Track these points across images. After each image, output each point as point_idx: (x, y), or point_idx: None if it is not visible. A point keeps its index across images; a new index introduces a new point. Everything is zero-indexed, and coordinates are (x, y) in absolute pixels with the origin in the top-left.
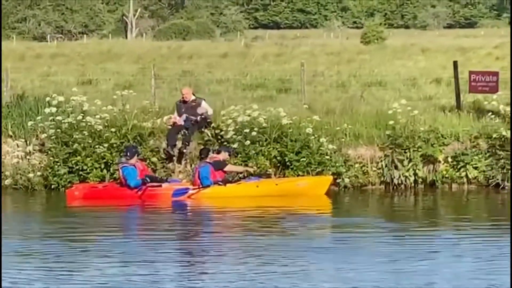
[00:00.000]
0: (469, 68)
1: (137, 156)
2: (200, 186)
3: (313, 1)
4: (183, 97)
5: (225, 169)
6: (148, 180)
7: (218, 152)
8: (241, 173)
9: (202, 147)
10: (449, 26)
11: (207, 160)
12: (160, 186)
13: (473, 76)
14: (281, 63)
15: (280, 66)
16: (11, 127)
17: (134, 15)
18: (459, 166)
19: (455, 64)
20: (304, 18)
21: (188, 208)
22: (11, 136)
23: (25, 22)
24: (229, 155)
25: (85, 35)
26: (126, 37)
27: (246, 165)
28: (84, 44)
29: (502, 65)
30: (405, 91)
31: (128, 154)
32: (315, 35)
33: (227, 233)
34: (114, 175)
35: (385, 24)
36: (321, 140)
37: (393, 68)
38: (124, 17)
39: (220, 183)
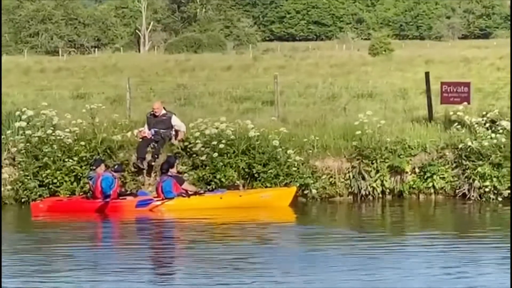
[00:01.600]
0: (469, 79)
1: (106, 167)
2: (164, 198)
3: (328, 13)
4: (153, 111)
5: (183, 187)
6: (119, 194)
7: (172, 165)
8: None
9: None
10: (464, 37)
11: (169, 173)
12: (124, 198)
13: (445, 87)
14: (281, 75)
15: (279, 79)
16: None
17: (147, 29)
18: (426, 177)
19: (426, 75)
20: (319, 30)
21: (152, 219)
22: None
23: (37, 36)
24: (172, 165)
25: (96, 49)
26: (139, 51)
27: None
28: (94, 58)
29: (500, 75)
30: (391, 102)
31: (93, 164)
32: (327, 47)
33: (190, 243)
34: (84, 189)
35: (399, 36)
36: (288, 152)
37: (390, 80)
38: (137, 31)
39: (184, 195)
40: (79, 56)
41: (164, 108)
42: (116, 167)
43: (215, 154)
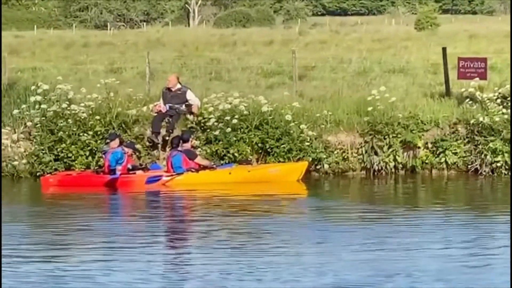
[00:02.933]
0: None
1: (120, 141)
2: (174, 173)
3: None
4: (168, 85)
5: (195, 161)
6: (131, 168)
7: (185, 141)
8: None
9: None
10: None
11: (179, 148)
12: (134, 173)
13: (462, 63)
14: (321, 50)
15: (318, 53)
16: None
17: (197, 3)
18: (438, 152)
19: (444, 50)
20: (371, 5)
21: (162, 193)
22: None
23: (87, 10)
24: (190, 139)
25: (144, 23)
26: (189, 25)
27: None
28: (141, 33)
29: None
30: (420, 78)
31: (108, 138)
32: (377, 22)
33: (204, 215)
34: (99, 163)
35: (452, 10)
36: (301, 126)
37: (427, 55)
38: (186, 5)
39: (193, 170)
40: (127, 30)
41: (179, 82)
42: (127, 142)
43: (229, 129)
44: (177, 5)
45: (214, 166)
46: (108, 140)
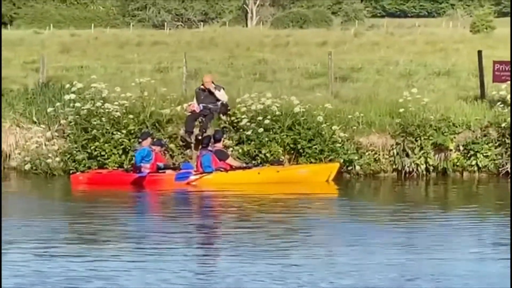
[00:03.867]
0: None
1: (152, 140)
2: (203, 172)
3: None
4: (203, 85)
5: (227, 161)
6: (162, 167)
7: (217, 140)
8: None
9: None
10: None
11: (209, 148)
12: (164, 172)
13: (497, 66)
14: (372, 51)
15: (368, 55)
16: (35, 113)
17: (255, 3)
18: (469, 155)
19: (479, 53)
20: (431, 7)
21: (191, 191)
22: (34, 122)
23: (145, 10)
24: (219, 139)
25: (202, 23)
26: (246, 25)
27: (252, 160)
28: (198, 32)
29: None
30: (463, 80)
31: (140, 137)
32: (435, 24)
33: (236, 214)
34: (132, 161)
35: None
36: (333, 128)
37: (474, 58)
38: (244, 5)
39: (222, 169)
40: (184, 30)
41: (213, 82)
42: (155, 140)
43: (261, 130)
44: (236, 5)
45: (245, 166)
46: (140, 139)
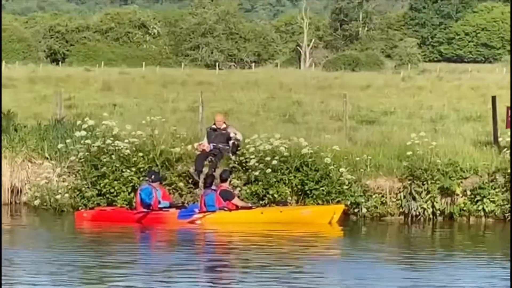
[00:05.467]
0: None
1: (160, 180)
2: (206, 211)
3: (497, 35)
4: (214, 124)
5: (233, 201)
6: (168, 206)
7: (224, 180)
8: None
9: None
10: None
11: (213, 187)
12: (168, 210)
13: (511, 111)
14: (411, 95)
15: (407, 99)
16: (47, 149)
17: (308, 45)
18: (476, 200)
19: (493, 99)
20: (488, 53)
21: (195, 230)
22: (46, 158)
23: (198, 49)
24: (226, 179)
25: (254, 64)
26: (299, 67)
27: (260, 200)
28: (247, 73)
29: None
30: (490, 126)
31: (153, 176)
32: (488, 70)
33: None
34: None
35: None
36: (340, 170)
37: None
38: (298, 47)
39: (225, 209)
40: (235, 70)
41: (224, 122)
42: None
43: (269, 170)
44: (289, 47)
45: (252, 207)
46: (151, 179)
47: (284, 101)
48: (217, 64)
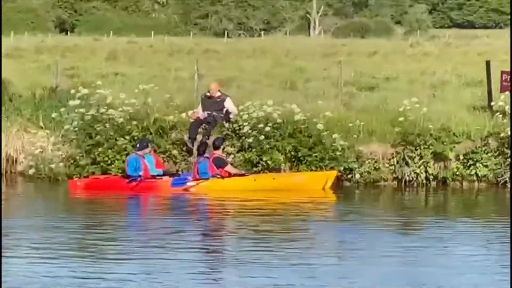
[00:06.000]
0: None
1: (148, 148)
2: (199, 179)
3: (507, 0)
4: (209, 92)
5: (226, 169)
6: (161, 174)
7: (217, 147)
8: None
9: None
10: None
11: (206, 155)
12: (161, 178)
13: (505, 76)
14: (419, 61)
15: (413, 65)
16: (42, 119)
17: (318, 13)
18: (469, 164)
19: (487, 64)
20: (498, 18)
21: (187, 197)
22: (41, 128)
23: (207, 18)
24: (218, 147)
25: (263, 32)
26: (309, 35)
27: (254, 167)
28: (255, 41)
29: None
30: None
31: (138, 145)
32: (498, 36)
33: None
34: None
35: None
36: (333, 136)
37: None
38: (307, 15)
39: (218, 176)
40: (245, 39)
41: (219, 90)
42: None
43: (262, 137)
44: (299, 14)
45: (244, 174)
46: (137, 148)
47: (288, 69)
48: (226, 32)
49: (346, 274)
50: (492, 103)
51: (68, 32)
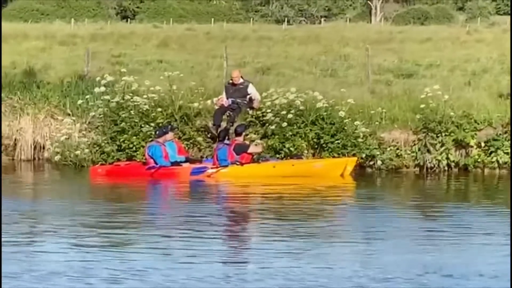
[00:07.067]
0: None
1: (168, 134)
2: (219, 166)
3: None
4: (232, 80)
5: (249, 151)
6: (184, 160)
7: (239, 134)
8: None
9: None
10: None
11: (227, 142)
12: (180, 165)
13: None
14: (459, 49)
15: (460, 52)
16: (69, 105)
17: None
18: (490, 151)
19: None
20: None
21: (206, 184)
22: (68, 114)
23: (268, 5)
24: (240, 133)
25: (323, 19)
26: (370, 22)
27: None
28: (315, 28)
29: None
30: None
31: (157, 133)
32: None
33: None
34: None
35: None
36: (355, 123)
37: None
38: (369, 1)
39: (238, 163)
40: (306, 26)
41: (241, 77)
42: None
43: (285, 124)
44: (360, 1)
45: (266, 157)
46: (156, 135)
47: (333, 56)
48: (286, 19)
49: (365, 259)
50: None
51: (129, 20)
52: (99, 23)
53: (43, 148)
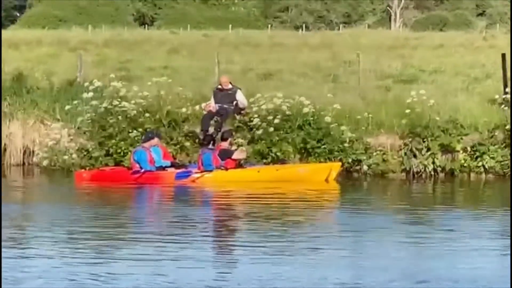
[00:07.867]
0: None
1: (154, 140)
2: (203, 170)
3: None
4: (220, 85)
5: (233, 157)
6: (169, 165)
7: (224, 139)
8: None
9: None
10: None
11: (211, 147)
12: (166, 170)
13: None
14: (479, 54)
15: (467, 58)
16: (59, 111)
17: (399, 6)
18: (476, 156)
19: (503, 56)
20: None
21: (191, 189)
22: (58, 120)
23: (287, 11)
24: (226, 139)
25: (341, 25)
26: (390, 28)
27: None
28: (332, 35)
29: None
30: None
31: (143, 137)
32: None
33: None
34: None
35: None
36: (341, 128)
37: None
38: (388, 8)
39: (222, 168)
40: (324, 32)
41: (230, 82)
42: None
43: (271, 129)
44: (380, 7)
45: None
46: (142, 141)
47: (338, 62)
48: (304, 26)
49: (350, 263)
50: (496, 96)
51: (147, 26)
52: (116, 29)
53: (33, 153)
